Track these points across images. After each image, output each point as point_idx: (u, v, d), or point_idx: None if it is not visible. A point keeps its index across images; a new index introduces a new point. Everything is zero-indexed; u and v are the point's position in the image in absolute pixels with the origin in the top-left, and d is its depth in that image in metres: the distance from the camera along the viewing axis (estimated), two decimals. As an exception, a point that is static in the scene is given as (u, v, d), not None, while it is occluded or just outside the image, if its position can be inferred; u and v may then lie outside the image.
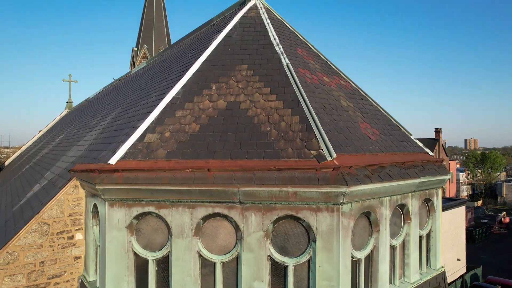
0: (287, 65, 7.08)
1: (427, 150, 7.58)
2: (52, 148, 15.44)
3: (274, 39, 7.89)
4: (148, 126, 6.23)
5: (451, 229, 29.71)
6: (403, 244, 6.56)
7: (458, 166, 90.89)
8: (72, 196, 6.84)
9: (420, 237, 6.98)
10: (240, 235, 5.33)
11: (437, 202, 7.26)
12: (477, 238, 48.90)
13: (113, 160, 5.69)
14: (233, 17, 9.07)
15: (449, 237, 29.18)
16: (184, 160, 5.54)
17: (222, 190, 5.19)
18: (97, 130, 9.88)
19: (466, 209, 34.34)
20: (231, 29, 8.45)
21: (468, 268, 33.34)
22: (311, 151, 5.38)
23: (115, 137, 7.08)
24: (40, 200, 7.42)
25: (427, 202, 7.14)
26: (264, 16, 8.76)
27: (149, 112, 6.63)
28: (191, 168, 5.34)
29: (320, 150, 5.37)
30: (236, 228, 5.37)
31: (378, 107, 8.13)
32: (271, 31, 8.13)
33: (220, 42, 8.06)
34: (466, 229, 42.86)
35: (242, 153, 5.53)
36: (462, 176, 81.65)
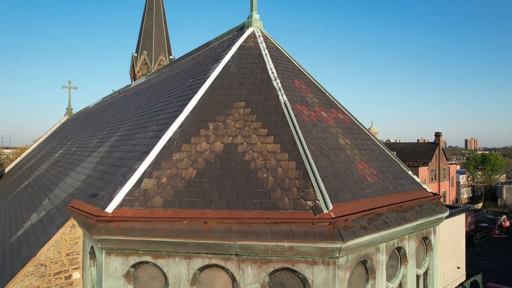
0: (284, 102, 7.07)
1: (425, 186, 7.58)
2: (51, 165, 15.45)
3: (272, 72, 7.88)
4: (145, 170, 6.23)
5: (450, 237, 29.69)
6: (400, 285, 6.56)
7: (458, 167, 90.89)
8: (70, 235, 6.85)
9: (417, 275, 6.99)
10: (236, 286, 5.33)
11: (435, 240, 7.26)
12: (477, 243, 48.89)
13: (110, 209, 5.69)
14: (231, 45, 9.06)
15: (449, 246, 29.18)
16: (180, 209, 5.54)
17: (218, 243, 5.19)
18: (95, 158, 9.88)
19: (466, 212, 34.31)
20: (229, 61, 8.43)
21: (468, 275, 33.31)
22: (308, 202, 5.38)
23: (113, 176, 7.08)
24: (37, 236, 7.42)
25: (425, 240, 7.14)
26: (262, 46, 8.75)
27: (146, 153, 6.63)
28: (188, 220, 5.34)
29: (317, 201, 5.37)
30: (233, 279, 5.36)
31: (376, 141, 8.13)
32: (269, 64, 8.12)
33: (218, 75, 8.05)
34: (466, 234, 42.81)
35: (239, 202, 5.53)
36: (462, 179, 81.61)
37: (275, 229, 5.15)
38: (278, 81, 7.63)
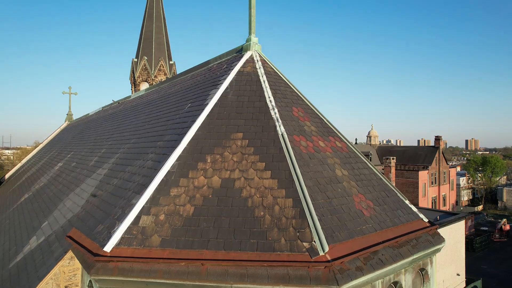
0: (282, 134, 7.12)
1: (421, 216, 7.62)
2: (50, 179, 15.51)
3: (270, 101, 7.92)
4: (143, 206, 6.27)
5: (450, 244, 29.75)
6: (397, 319, 6.60)
7: (458, 169, 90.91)
8: (68, 267, 6.90)
9: (414, 306, 7.02)
10: (233, 327, 5.37)
11: (431, 270, 7.30)
12: (477, 247, 48.91)
13: (108, 247, 5.74)
14: (230, 70, 9.10)
15: (448, 253, 29.24)
16: (178, 250, 5.59)
17: (215, 285, 5.23)
18: (95, 181, 9.92)
19: (466, 216, 34.38)
20: (227, 87, 8.47)
21: (468, 281, 33.36)
22: (304, 244, 5.42)
23: (111, 207, 7.11)
24: (36, 266, 7.47)
25: (421, 271, 7.17)
26: (260, 71, 8.79)
27: (145, 186, 6.68)
28: (185, 262, 5.39)
29: (313, 242, 5.41)
30: (230, 319, 5.40)
31: (373, 169, 8.16)
32: (267, 92, 8.16)
33: (216, 103, 8.09)
34: (466, 237, 42.88)
35: (236, 243, 5.57)
36: (463, 181, 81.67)
37: (271, 272, 5.19)
38: (275, 110, 7.67)
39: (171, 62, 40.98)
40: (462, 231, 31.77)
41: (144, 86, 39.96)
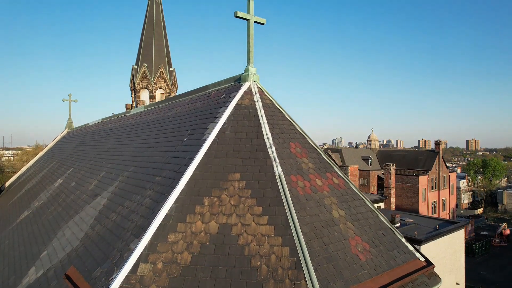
0: (279, 175, 7.17)
1: (418, 254, 7.67)
2: (50, 198, 15.56)
3: (268, 138, 7.98)
4: (141, 252, 6.32)
5: (450, 253, 29.82)
6: None
7: (458, 170, 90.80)
8: (67, 309, 6.94)
9: None
10: None
11: (428, 310, 7.35)
12: (477, 252, 49.00)
13: (106, 298, 5.80)
14: (228, 102, 9.15)
15: (448, 262, 29.30)
16: (175, 302, 5.65)
17: None
18: (94, 210, 9.98)
19: (465, 224, 34.42)
20: (225, 122, 8.53)
21: (467, 288, 33.42)
22: (300, 297, 5.48)
23: (109, 248, 7.16)
24: (36, 305, 7.53)
25: (417, 311, 7.23)
26: (258, 105, 8.84)
27: (143, 229, 6.74)
28: (182, 316, 5.44)
29: (309, 296, 5.46)
30: None
31: (370, 206, 8.21)
32: (265, 127, 8.22)
33: (214, 139, 8.14)
34: (466, 242, 42.95)
35: (232, 295, 5.62)
36: (463, 184, 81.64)
37: (267, 328, 5.25)
38: (273, 149, 7.73)
39: (171, 69, 41.09)
40: (462, 240, 31.82)
41: (144, 93, 40.10)
